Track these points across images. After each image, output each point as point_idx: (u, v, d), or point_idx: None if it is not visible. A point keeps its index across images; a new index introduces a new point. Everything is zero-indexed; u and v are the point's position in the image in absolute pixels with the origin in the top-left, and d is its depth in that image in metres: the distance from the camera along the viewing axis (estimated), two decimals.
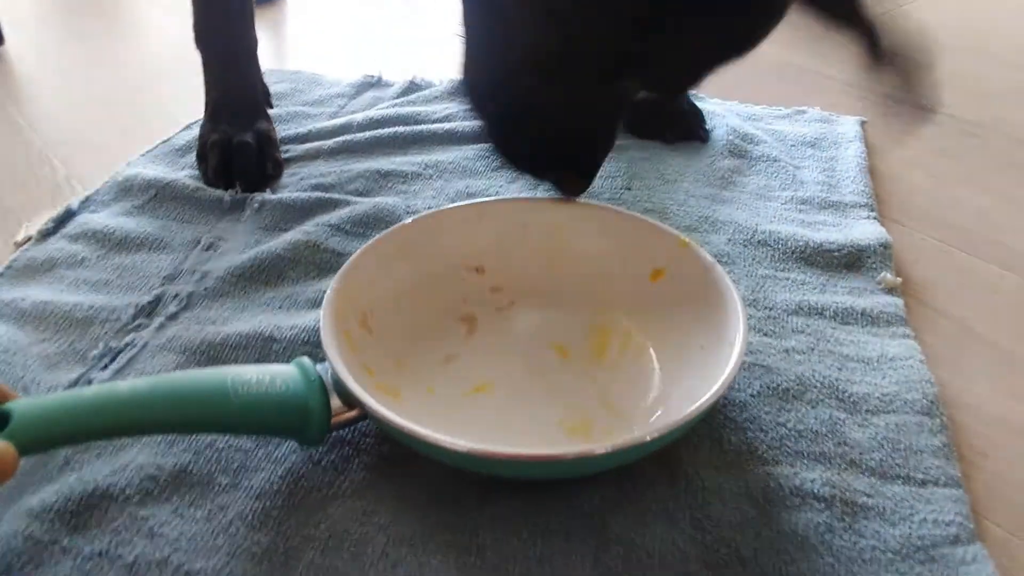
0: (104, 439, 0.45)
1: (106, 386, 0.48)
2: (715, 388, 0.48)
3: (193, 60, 0.84)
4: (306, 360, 0.51)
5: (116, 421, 0.46)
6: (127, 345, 0.60)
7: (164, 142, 0.87)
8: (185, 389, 0.48)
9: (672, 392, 0.54)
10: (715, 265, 0.57)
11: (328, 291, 0.55)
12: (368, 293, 0.58)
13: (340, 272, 0.57)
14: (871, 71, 0.68)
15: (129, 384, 0.48)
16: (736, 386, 0.57)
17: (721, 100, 0.95)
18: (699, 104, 0.90)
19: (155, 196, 0.77)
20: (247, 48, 0.85)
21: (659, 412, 0.53)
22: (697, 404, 0.47)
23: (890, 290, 0.66)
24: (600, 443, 0.48)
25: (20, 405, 0.44)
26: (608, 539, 0.47)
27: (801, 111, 0.94)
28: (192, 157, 0.83)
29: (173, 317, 0.63)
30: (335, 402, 0.50)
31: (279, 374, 0.50)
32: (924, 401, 0.55)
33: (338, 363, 0.50)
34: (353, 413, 0.51)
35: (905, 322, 0.63)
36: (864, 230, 0.71)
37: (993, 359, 0.61)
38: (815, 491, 0.50)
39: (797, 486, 0.50)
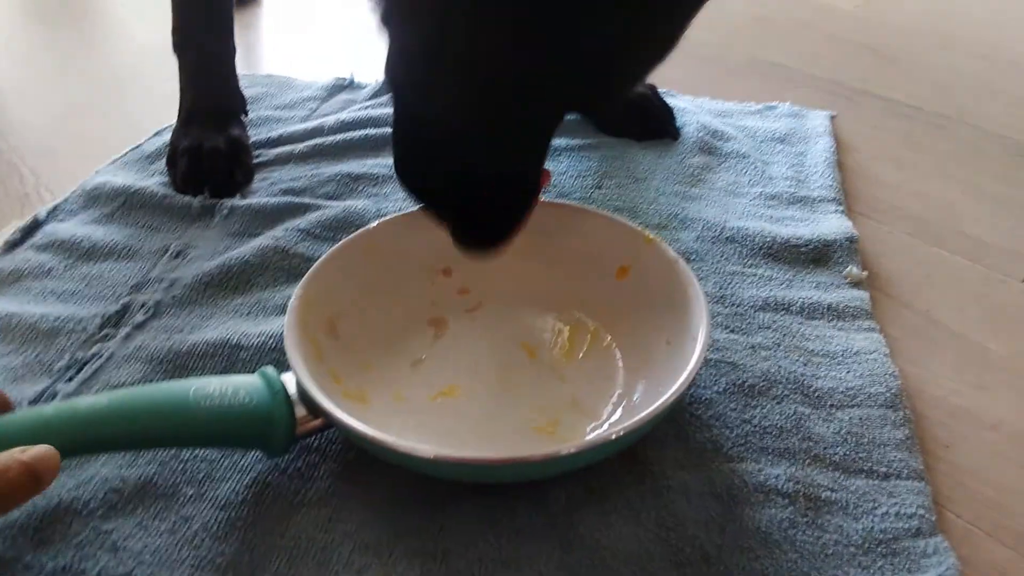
0: (64, 459, 0.44)
1: (65, 404, 0.47)
2: (678, 383, 0.48)
3: (163, 67, 0.84)
4: (270, 370, 0.51)
5: (75, 440, 0.45)
6: (93, 356, 0.60)
7: (133, 149, 0.86)
8: (146, 403, 0.48)
9: (638, 388, 0.55)
10: (679, 260, 0.57)
11: (292, 299, 0.55)
12: (334, 299, 0.58)
13: (304, 279, 0.57)
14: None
15: (88, 400, 0.47)
16: (702, 383, 0.57)
17: (692, 97, 0.95)
18: (669, 101, 0.90)
19: (124, 204, 0.76)
20: (224, 54, 0.85)
21: (624, 409, 0.54)
22: (661, 400, 0.48)
23: (856, 284, 0.66)
24: (566, 444, 0.48)
25: None
26: (574, 540, 0.48)
27: (771, 107, 0.95)
28: (162, 163, 0.83)
29: (140, 326, 0.63)
30: (300, 411, 0.50)
31: (242, 385, 0.50)
32: (888, 394, 0.56)
33: (302, 371, 0.50)
34: (318, 422, 0.50)
35: (870, 316, 0.63)
36: (831, 225, 0.72)
37: (958, 350, 0.62)
38: (779, 487, 0.50)
39: (761, 482, 0.50)
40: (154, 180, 0.80)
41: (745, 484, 0.50)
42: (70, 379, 0.58)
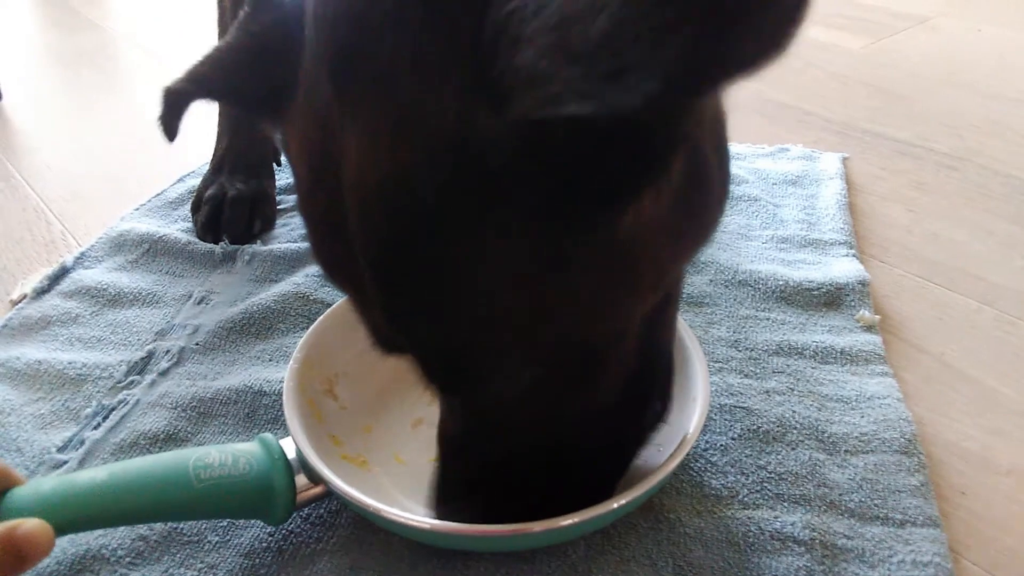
0: (60, 535, 0.44)
1: (64, 478, 0.47)
2: (681, 444, 0.49)
3: (188, 110, 0.86)
4: (269, 437, 0.51)
5: (74, 516, 0.45)
6: (120, 403, 0.61)
7: (157, 195, 0.89)
8: (145, 477, 0.47)
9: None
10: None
11: (291, 362, 0.56)
12: (333, 360, 0.59)
13: (302, 342, 0.58)
14: None
15: (88, 475, 0.47)
16: (717, 429, 0.57)
17: None
18: None
19: (148, 251, 0.78)
20: None
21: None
22: (663, 467, 0.48)
23: (868, 328, 0.67)
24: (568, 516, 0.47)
25: None
26: None
27: (784, 149, 0.96)
28: (185, 210, 0.85)
29: (164, 373, 0.64)
30: (300, 479, 0.50)
31: (242, 454, 0.49)
32: (902, 440, 0.56)
33: (301, 439, 0.51)
34: (319, 490, 0.50)
35: (883, 360, 0.64)
36: (843, 268, 0.73)
37: (972, 395, 0.62)
38: (795, 535, 0.50)
39: (778, 529, 0.51)
40: (178, 226, 0.82)
41: (761, 531, 0.51)
42: (96, 426, 0.59)
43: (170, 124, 0.46)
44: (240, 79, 0.44)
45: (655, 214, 0.35)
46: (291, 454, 0.51)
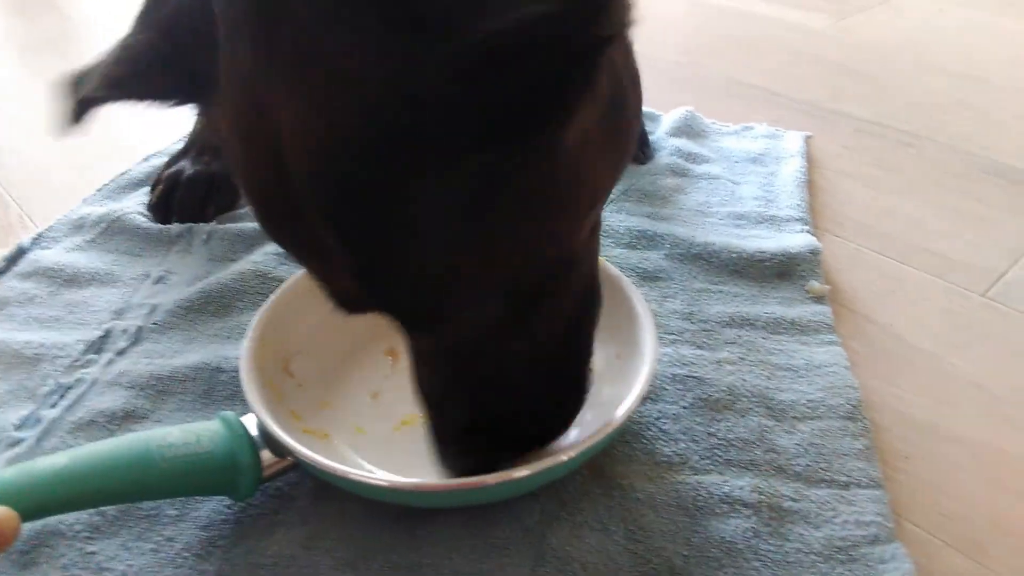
0: (25, 521, 0.44)
1: (24, 465, 0.47)
2: (629, 402, 0.50)
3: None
4: (230, 414, 0.52)
5: (37, 502, 0.45)
6: (77, 382, 0.61)
7: (121, 175, 0.88)
8: (107, 460, 0.47)
9: (594, 403, 0.56)
10: (622, 276, 0.59)
11: (245, 342, 0.56)
12: (288, 337, 0.59)
13: (255, 321, 0.58)
14: None
15: (48, 461, 0.47)
16: (670, 398, 0.59)
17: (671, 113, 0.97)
18: (654, 123, 0.92)
19: (106, 230, 0.78)
20: None
21: (579, 424, 0.55)
22: (614, 420, 0.49)
23: (819, 299, 0.68)
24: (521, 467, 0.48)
25: None
26: (546, 552, 0.49)
27: (749, 127, 0.97)
28: (148, 190, 0.84)
29: (122, 352, 0.64)
30: (265, 454, 0.50)
31: (204, 432, 0.50)
32: (847, 406, 0.57)
33: (263, 412, 0.51)
34: (284, 463, 0.51)
35: (832, 330, 0.65)
36: (795, 240, 0.74)
37: (919, 364, 0.64)
38: (743, 498, 0.52)
39: (726, 493, 0.52)
40: (138, 206, 0.82)
41: (711, 495, 0.52)
42: (53, 405, 0.59)
43: (81, 122, 0.45)
44: (157, 76, 0.43)
45: (588, 129, 0.37)
46: (253, 430, 0.51)
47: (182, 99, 0.44)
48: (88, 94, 0.44)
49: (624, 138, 0.42)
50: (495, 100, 0.31)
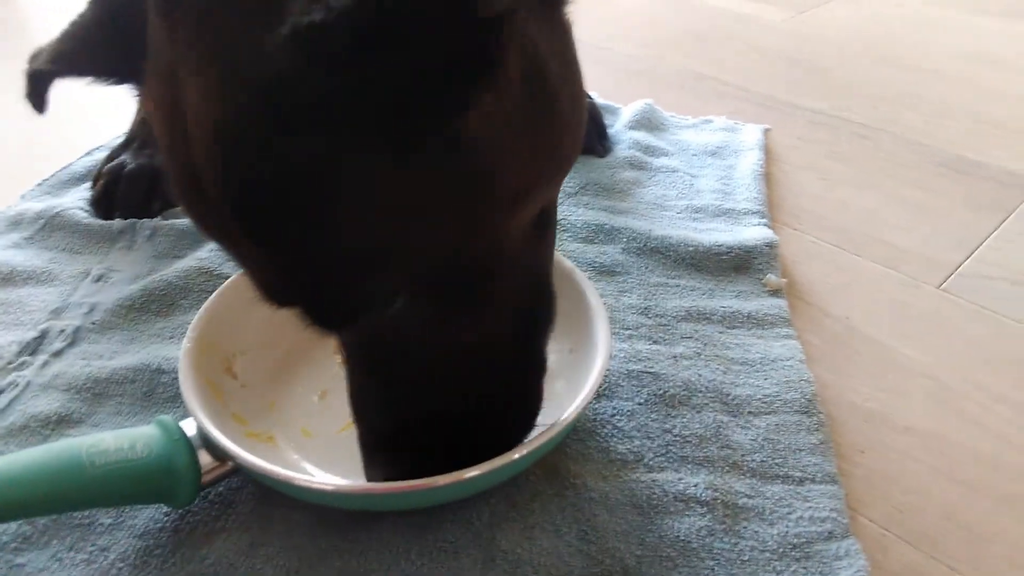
0: None
1: None
2: (581, 398, 0.49)
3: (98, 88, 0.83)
4: (167, 418, 0.49)
5: None
6: (10, 385, 0.59)
7: (63, 169, 0.85)
8: (35, 469, 0.45)
9: (546, 398, 0.55)
10: (575, 270, 0.58)
11: (184, 343, 0.54)
12: (230, 338, 0.57)
13: (194, 321, 0.56)
14: None
15: None
16: (625, 395, 0.58)
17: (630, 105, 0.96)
18: (613, 116, 0.91)
19: (44, 227, 0.75)
20: None
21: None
22: (565, 416, 0.48)
23: (775, 292, 0.68)
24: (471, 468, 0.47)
25: None
26: (496, 555, 0.48)
27: (708, 120, 0.96)
28: (89, 184, 0.81)
29: (58, 354, 0.61)
30: (204, 458, 0.48)
31: (139, 437, 0.48)
32: (803, 400, 0.57)
33: (201, 415, 0.49)
34: (225, 468, 0.49)
35: (789, 323, 0.65)
36: (752, 233, 0.73)
37: (874, 356, 0.64)
38: (698, 495, 0.51)
39: (681, 491, 0.51)
40: (79, 201, 0.79)
41: (665, 493, 0.51)
42: None
43: (38, 102, 0.44)
44: (101, 53, 0.42)
45: (499, 116, 0.35)
46: (191, 433, 0.49)
47: (121, 77, 0.43)
48: (37, 67, 0.44)
49: (551, 126, 0.39)
50: (396, 86, 0.30)
